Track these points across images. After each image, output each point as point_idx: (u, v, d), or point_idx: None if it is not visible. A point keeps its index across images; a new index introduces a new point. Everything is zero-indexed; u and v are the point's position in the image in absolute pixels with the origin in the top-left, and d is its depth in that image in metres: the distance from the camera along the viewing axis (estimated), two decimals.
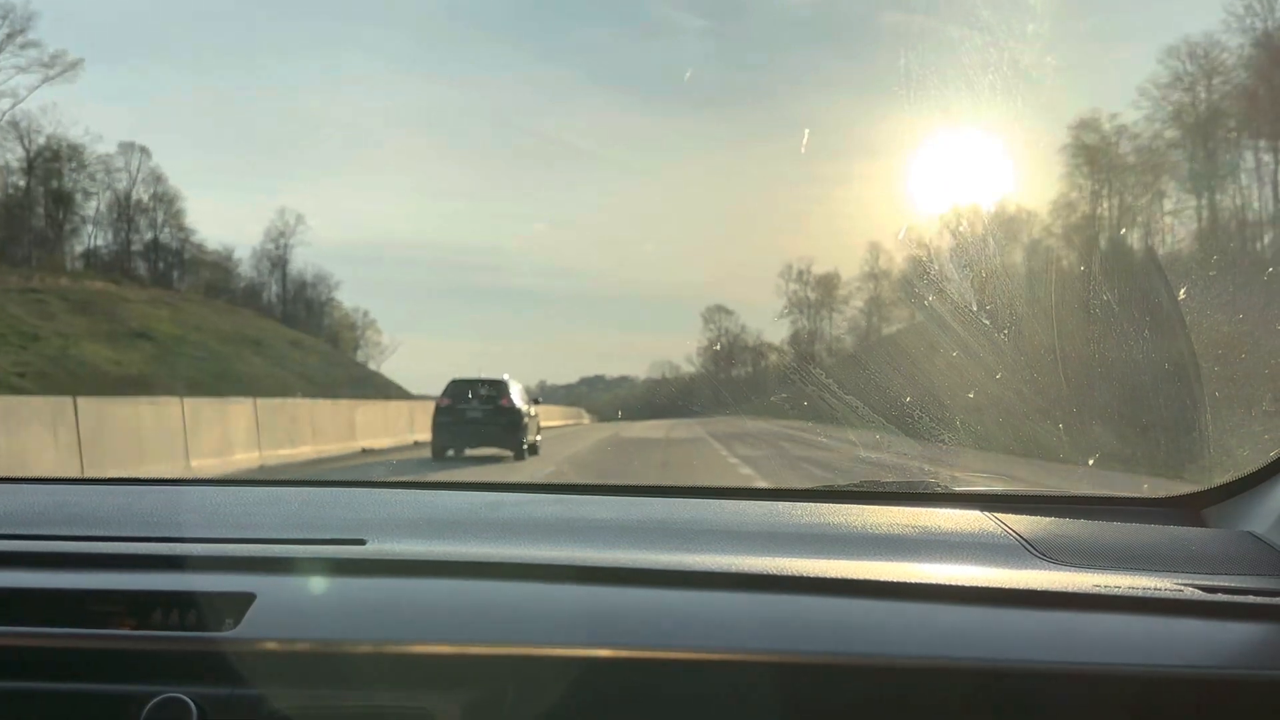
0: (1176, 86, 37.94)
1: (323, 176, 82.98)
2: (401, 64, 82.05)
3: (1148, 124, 38.49)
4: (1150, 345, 2.18)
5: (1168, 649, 1.11)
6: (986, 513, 1.54)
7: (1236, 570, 1.32)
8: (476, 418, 17.35)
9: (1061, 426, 2.74)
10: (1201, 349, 1.94)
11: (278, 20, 76.63)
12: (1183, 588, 1.23)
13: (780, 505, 1.60)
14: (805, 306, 63.89)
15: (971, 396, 2.57)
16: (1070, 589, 1.22)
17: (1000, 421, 2.75)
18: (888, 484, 1.85)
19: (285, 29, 77.31)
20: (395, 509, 1.63)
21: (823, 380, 3.03)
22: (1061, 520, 1.52)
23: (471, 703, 1.11)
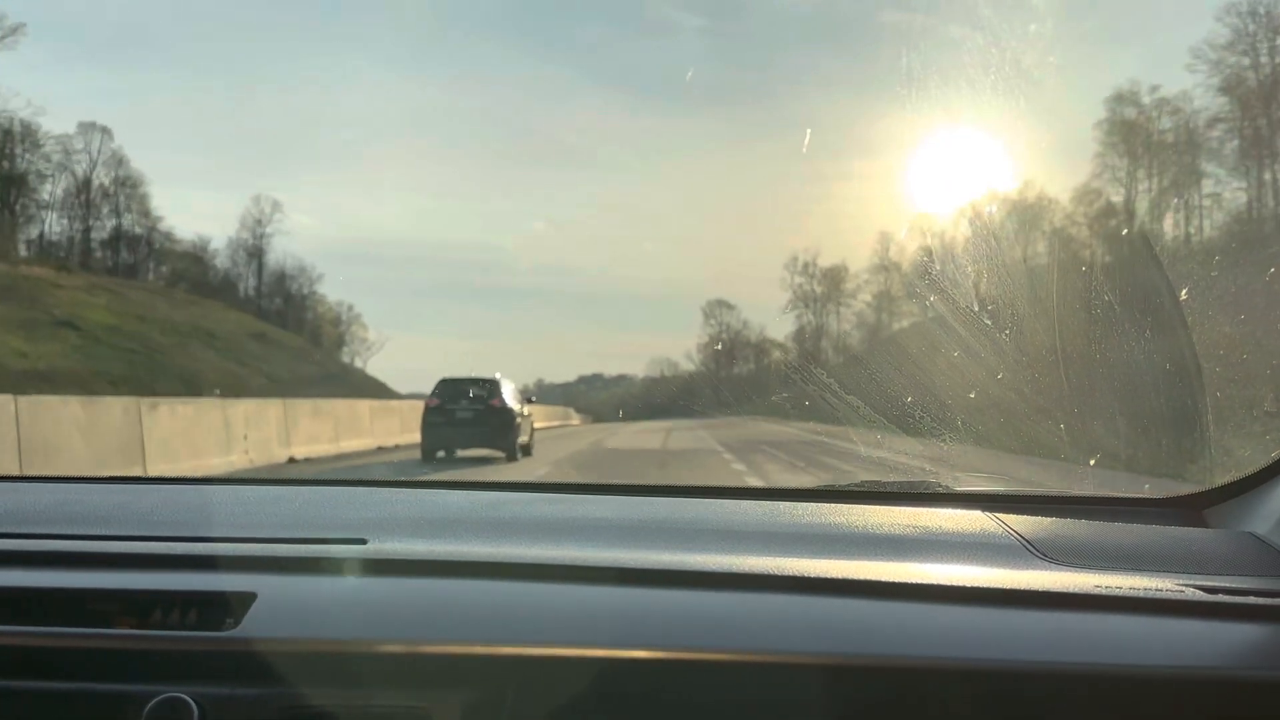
0: (1234, 49, 34.91)
1: (320, 174, 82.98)
2: (399, 63, 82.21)
3: (1203, 90, 34.74)
4: (1152, 345, 2.18)
5: (1169, 649, 1.11)
6: (988, 513, 1.54)
7: (1238, 571, 1.32)
8: (467, 418, 16.93)
9: (1063, 426, 2.74)
10: (1203, 349, 1.94)
11: (274, 19, 76.80)
12: (1184, 588, 1.23)
13: (781, 505, 1.60)
14: (811, 300, 62.13)
15: (973, 396, 2.57)
16: (1071, 589, 1.22)
17: (1001, 421, 2.75)
18: (889, 484, 1.85)
19: (282, 27, 77.51)
20: (396, 508, 1.63)
21: (824, 380, 3.03)
22: (1063, 520, 1.52)
23: (472, 702, 1.11)
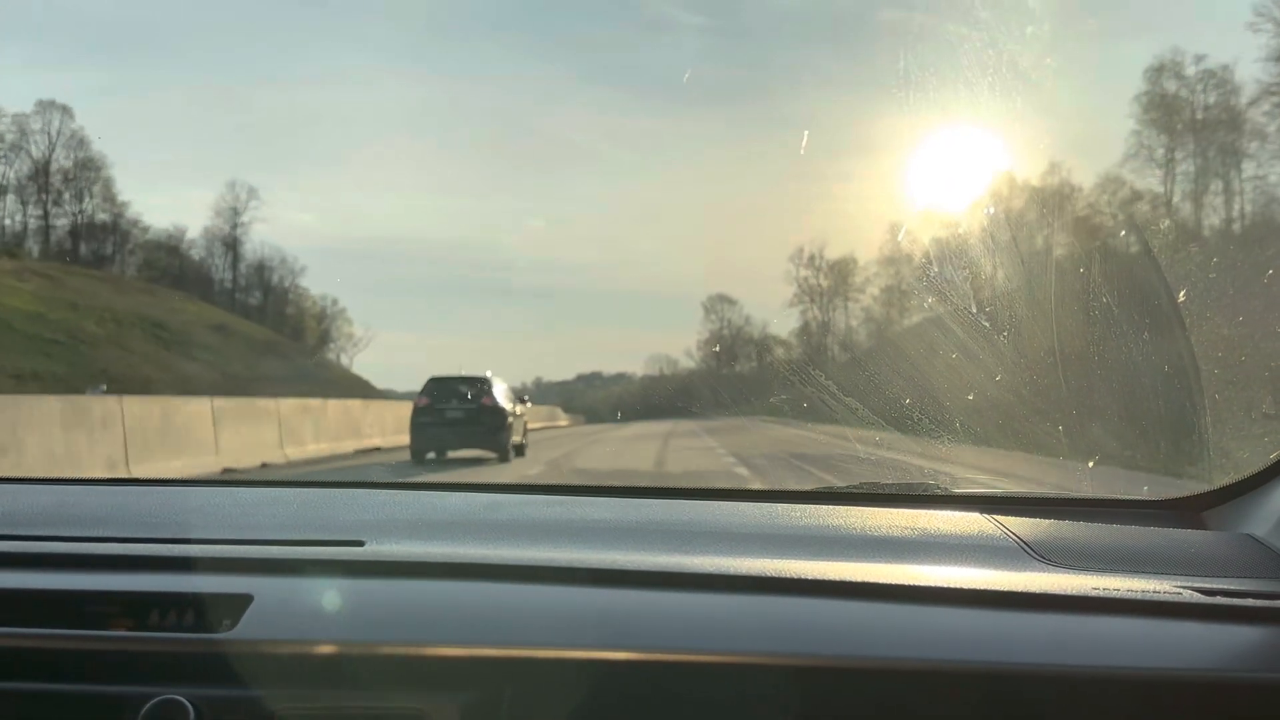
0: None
1: (319, 171, 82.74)
2: (398, 59, 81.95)
3: (1270, 49, 31.24)
4: (1150, 347, 2.18)
5: (1167, 651, 1.11)
6: (985, 515, 1.54)
7: (1236, 573, 1.32)
8: (457, 418, 16.38)
9: (1061, 428, 2.74)
10: (1201, 351, 1.94)
11: (274, 15, 76.59)
12: (1182, 590, 1.23)
13: (779, 507, 1.59)
14: (817, 295, 59.08)
15: (971, 398, 2.57)
16: (1069, 591, 1.21)
17: (1000, 423, 2.75)
18: (886, 486, 1.84)
19: (281, 24, 77.28)
20: (394, 510, 1.63)
21: (822, 381, 3.03)
22: (1061, 522, 1.52)
23: (469, 704, 1.10)
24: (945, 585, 1.22)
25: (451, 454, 16.87)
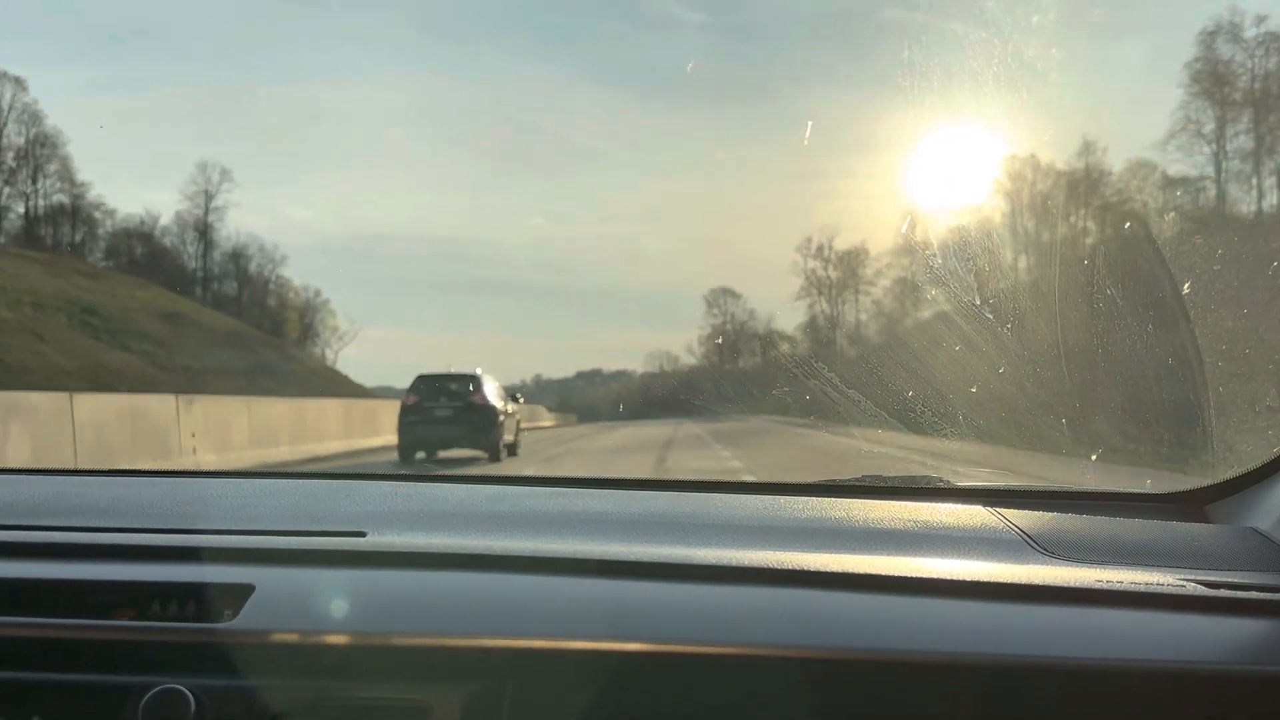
0: None
1: (318, 168, 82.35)
2: (398, 57, 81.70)
3: None
4: (1154, 340, 2.17)
5: (1170, 645, 1.11)
6: (989, 508, 1.53)
7: (1239, 566, 1.32)
8: (446, 416, 16.00)
9: (1064, 421, 2.74)
10: (1205, 344, 1.93)
11: (275, 13, 76.29)
12: (1185, 583, 1.22)
13: (782, 500, 1.59)
14: (825, 287, 56.67)
15: (974, 391, 2.57)
16: (1072, 584, 1.21)
17: (1003, 416, 2.74)
18: (890, 478, 1.84)
19: (282, 22, 76.92)
20: (396, 501, 1.63)
21: (825, 374, 3.03)
22: (1064, 515, 1.52)
23: (471, 695, 1.11)
24: (948, 577, 1.22)
25: (442, 454, 16.54)
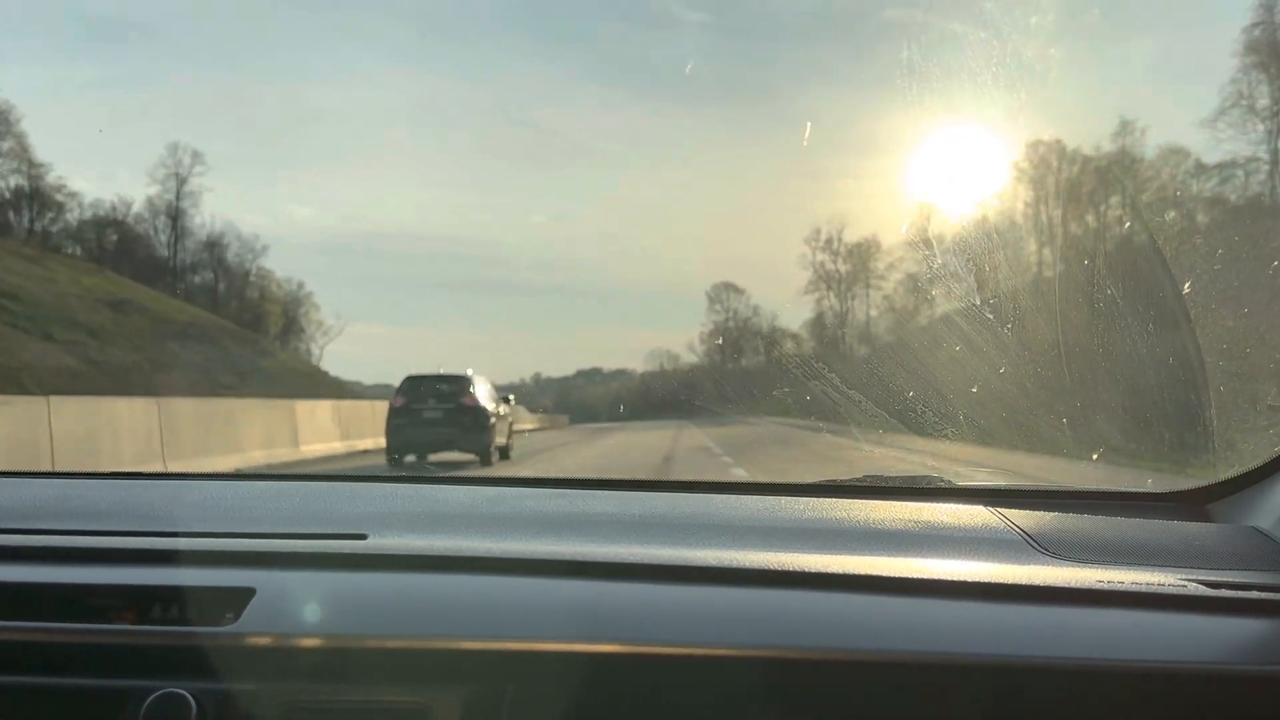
0: None
1: (318, 166, 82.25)
2: (400, 55, 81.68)
3: None
4: (1155, 339, 2.17)
5: (1172, 644, 1.11)
6: (990, 508, 1.53)
7: (1241, 565, 1.32)
8: (435, 418, 15.56)
9: (1065, 421, 2.74)
10: (1206, 343, 1.93)
11: (276, 11, 76.31)
12: (1187, 583, 1.22)
13: (782, 500, 1.59)
14: (834, 281, 53.30)
15: (975, 391, 2.56)
16: (1074, 584, 1.21)
17: (1004, 416, 2.74)
18: (890, 479, 1.84)
19: (284, 18, 76.85)
20: (396, 504, 1.63)
21: (825, 374, 3.02)
22: (1065, 515, 1.52)
23: (471, 698, 1.11)
24: (949, 578, 1.22)
25: (432, 457, 16.04)
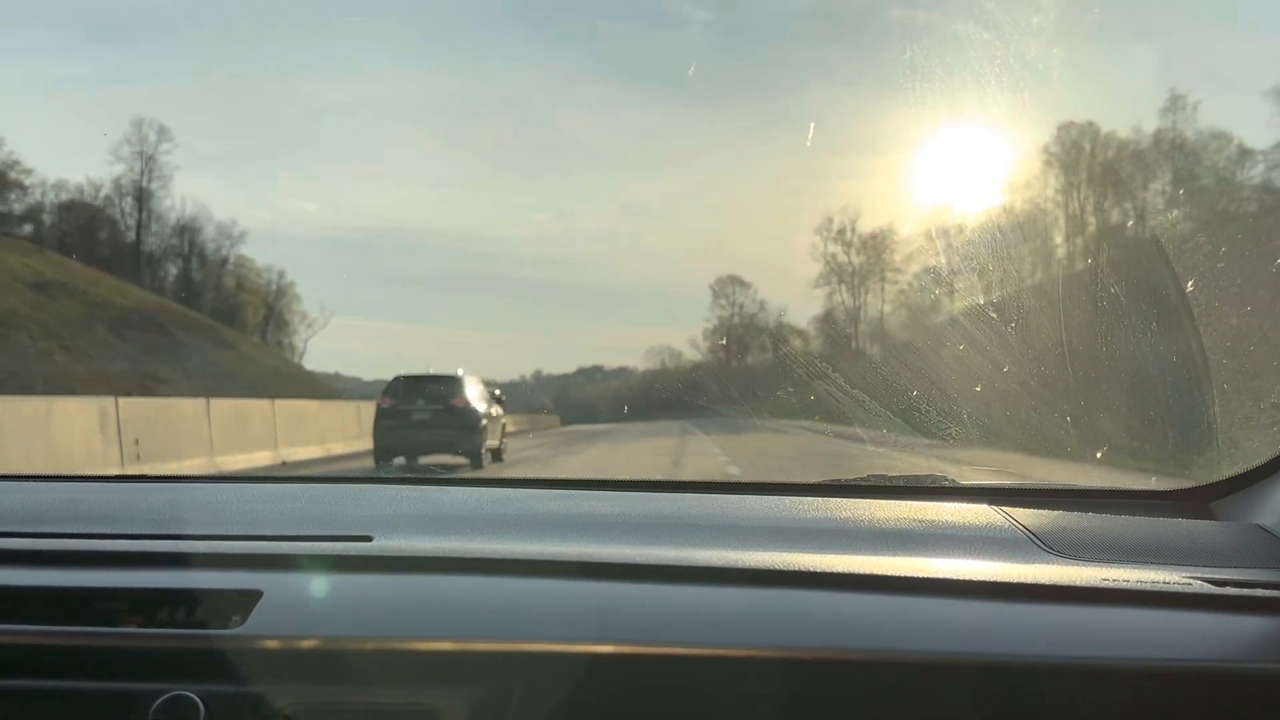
0: None
1: (320, 162, 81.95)
2: (403, 51, 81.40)
3: None
4: (1158, 338, 2.17)
5: (1176, 643, 1.11)
6: (993, 507, 1.53)
7: (1245, 563, 1.32)
8: (424, 419, 15.04)
9: (1069, 419, 2.74)
10: (1210, 341, 1.93)
11: (280, 6, 76.08)
12: (1191, 581, 1.22)
13: (786, 500, 1.59)
14: (847, 274, 50.42)
15: (979, 390, 2.56)
16: (1078, 583, 1.21)
17: (1007, 415, 2.74)
18: (894, 478, 1.84)
19: (287, 16, 76.74)
20: (402, 505, 1.63)
21: (829, 373, 3.03)
22: (1069, 514, 1.52)
23: (478, 699, 1.11)
24: (953, 577, 1.22)
25: (422, 460, 15.39)
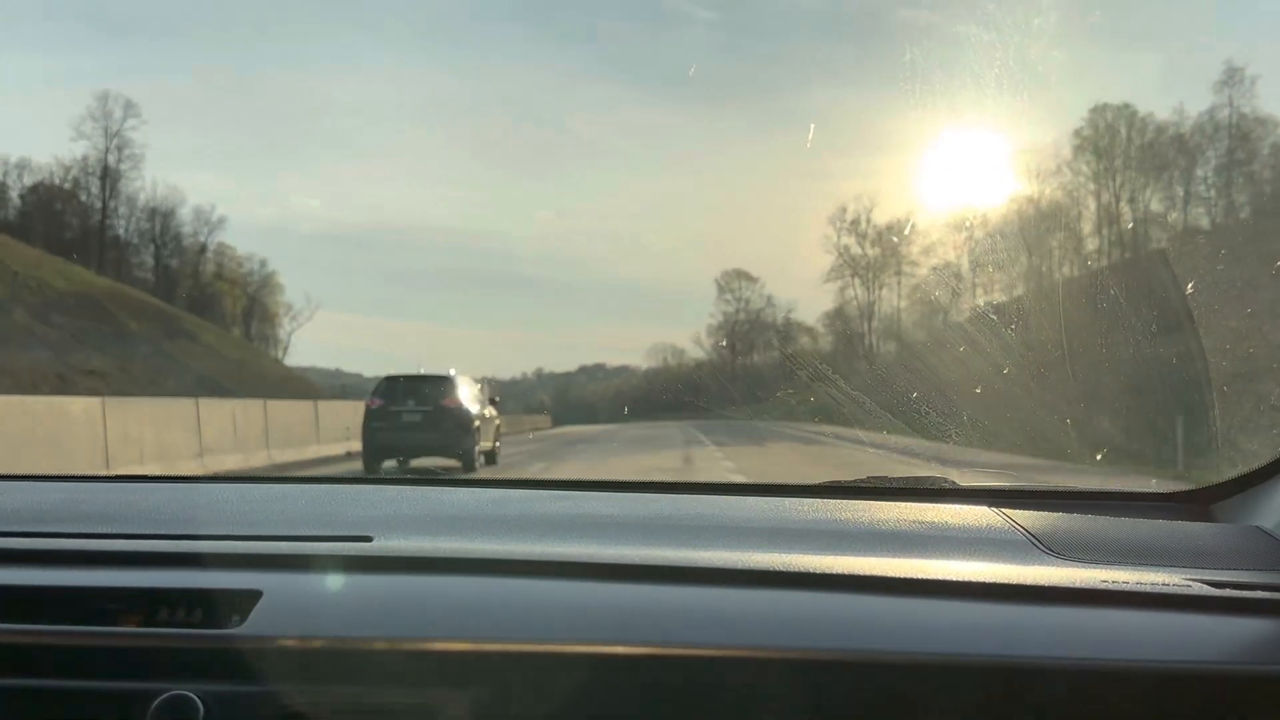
0: None
1: (325, 159, 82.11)
2: (408, 49, 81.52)
3: None
4: (1158, 340, 2.17)
5: (1176, 644, 1.11)
6: (994, 508, 1.53)
7: (1245, 565, 1.32)
8: (414, 421, 14.74)
9: (1070, 422, 2.74)
10: (1210, 343, 1.93)
11: (285, 4, 76.15)
12: (1191, 583, 1.22)
13: (787, 501, 1.60)
14: (861, 268, 49.11)
15: (979, 392, 2.57)
16: (1078, 584, 1.21)
17: (1008, 417, 2.74)
18: (894, 480, 1.84)
19: (293, 12, 76.84)
20: (402, 506, 1.63)
21: (829, 375, 3.03)
22: (1069, 515, 1.52)
23: (479, 700, 1.11)
24: (953, 579, 1.22)
25: (413, 462, 15.19)
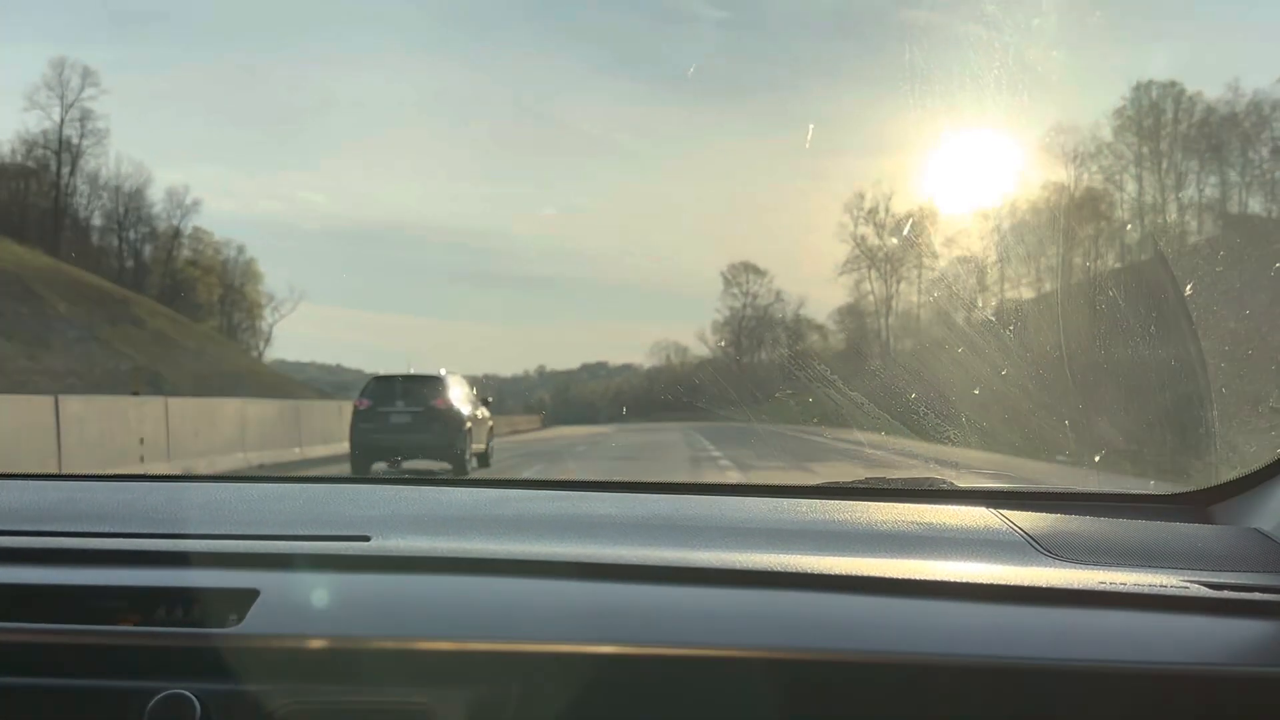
0: None
1: (329, 154, 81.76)
2: (413, 44, 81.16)
3: None
4: (1156, 341, 2.17)
5: (1173, 646, 1.11)
6: (992, 509, 1.53)
7: (1243, 567, 1.32)
8: (403, 423, 14.30)
9: (1067, 423, 2.74)
10: (1208, 345, 1.93)
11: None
12: (1189, 585, 1.23)
13: (785, 502, 1.59)
14: (879, 259, 44.26)
15: (977, 393, 2.57)
16: (1076, 586, 1.21)
17: (1006, 418, 2.74)
18: (893, 481, 1.84)
19: (298, 6, 76.63)
20: (400, 505, 1.63)
21: (827, 375, 3.02)
22: (1067, 517, 1.52)
23: (475, 699, 1.11)
24: (951, 580, 1.22)
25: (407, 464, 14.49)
